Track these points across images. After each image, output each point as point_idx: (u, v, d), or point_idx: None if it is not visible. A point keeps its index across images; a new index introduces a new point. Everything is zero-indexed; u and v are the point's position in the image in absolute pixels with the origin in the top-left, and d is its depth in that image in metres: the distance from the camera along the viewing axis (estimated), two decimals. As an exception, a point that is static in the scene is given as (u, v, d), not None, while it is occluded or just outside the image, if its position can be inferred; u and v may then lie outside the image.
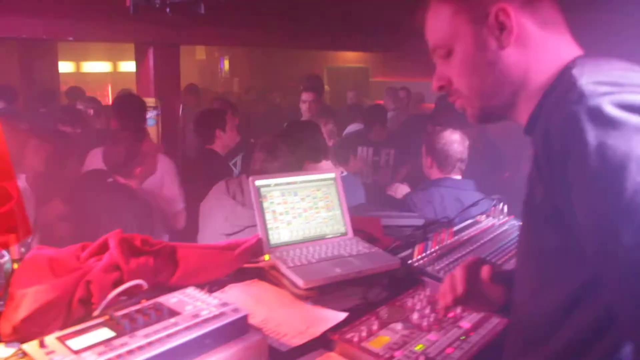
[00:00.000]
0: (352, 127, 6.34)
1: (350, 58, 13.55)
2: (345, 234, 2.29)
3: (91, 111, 6.45)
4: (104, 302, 1.58)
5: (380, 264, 2.06)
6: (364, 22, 6.19)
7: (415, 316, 1.74)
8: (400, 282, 2.00)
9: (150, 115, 5.62)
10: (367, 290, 1.95)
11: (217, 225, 2.92)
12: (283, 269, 1.96)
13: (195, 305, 1.48)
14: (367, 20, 6.05)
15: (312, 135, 3.77)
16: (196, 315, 1.42)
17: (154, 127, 5.58)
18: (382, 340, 1.62)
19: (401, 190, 4.11)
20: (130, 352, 1.25)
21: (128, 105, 4.74)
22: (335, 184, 2.34)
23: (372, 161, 5.74)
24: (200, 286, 1.63)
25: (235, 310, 1.46)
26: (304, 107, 5.98)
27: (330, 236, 2.26)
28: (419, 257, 2.19)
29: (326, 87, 10.76)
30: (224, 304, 1.49)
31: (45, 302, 1.52)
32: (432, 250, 2.26)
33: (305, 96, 5.99)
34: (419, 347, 1.58)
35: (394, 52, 9.42)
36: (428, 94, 8.85)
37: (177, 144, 5.76)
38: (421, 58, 1.62)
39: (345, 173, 4.02)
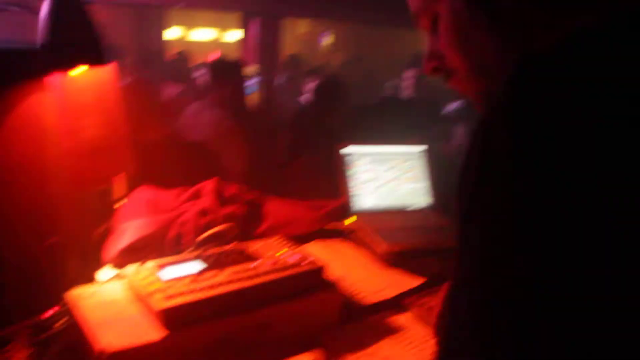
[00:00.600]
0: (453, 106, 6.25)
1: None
2: (428, 207, 2.32)
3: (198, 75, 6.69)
4: (196, 243, 1.71)
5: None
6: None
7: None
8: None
9: (252, 82, 5.80)
10: (446, 262, 1.98)
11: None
12: (366, 231, 2.02)
13: (276, 254, 1.57)
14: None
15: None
16: (276, 263, 1.51)
17: (255, 93, 5.75)
18: (455, 308, 1.65)
19: None
20: (216, 284, 1.36)
21: (225, 68, 4.83)
22: (422, 157, 2.37)
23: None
24: (284, 239, 1.72)
25: (313, 262, 1.54)
26: (405, 84, 5.94)
27: (414, 208, 2.30)
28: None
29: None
30: (304, 256, 1.57)
31: (143, 235, 1.66)
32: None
33: (407, 74, 5.94)
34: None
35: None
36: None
37: (272, 109, 5.91)
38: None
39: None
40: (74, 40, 1.40)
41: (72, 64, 1.44)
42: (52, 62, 1.41)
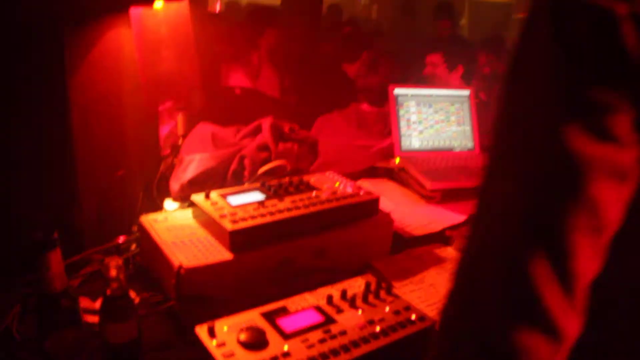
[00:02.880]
0: None
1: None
2: (472, 149, 2.39)
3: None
4: (254, 177, 1.82)
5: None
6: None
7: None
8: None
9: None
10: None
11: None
12: (412, 170, 2.12)
13: (334, 185, 1.67)
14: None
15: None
16: (334, 193, 1.61)
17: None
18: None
19: None
20: (281, 210, 1.47)
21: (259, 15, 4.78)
22: (468, 101, 2.42)
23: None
24: (337, 174, 1.82)
25: (369, 192, 1.64)
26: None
27: (458, 149, 2.37)
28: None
29: (463, 20, 10.39)
30: (358, 187, 1.67)
31: (207, 167, 1.78)
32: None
33: (438, 25, 5.89)
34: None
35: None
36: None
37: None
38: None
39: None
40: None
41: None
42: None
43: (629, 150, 0.63)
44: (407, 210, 1.96)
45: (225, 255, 1.38)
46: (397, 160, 2.23)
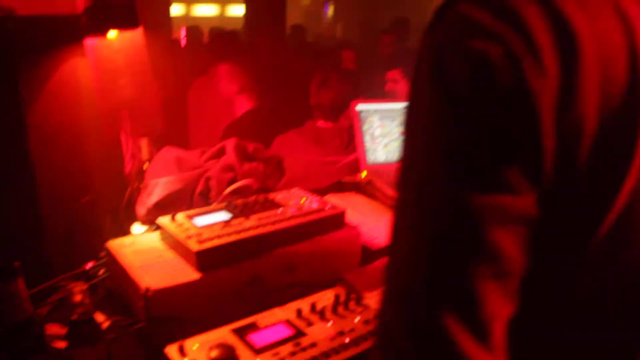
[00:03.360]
0: None
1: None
2: (438, 160, 2.42)
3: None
4: (221, 197, 1.82)
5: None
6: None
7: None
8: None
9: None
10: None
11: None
12: (378, 182, 2.14)
13: (299, 202, 1.68)
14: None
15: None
16: (300, 209, 1.62)
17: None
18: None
19: None
20: (246, 229, 1.48)
21: (221, 39, 4.83)
22: (431, 112, 2.46)
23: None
24: (303, 191, 1.83)
25: (335, 206, 1.66)
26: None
27: (423, 161, 2.40)
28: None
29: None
30: (324, 202, 1.68)
31: (172, 190, 1.78)
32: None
33: (381, 39, 5.86)
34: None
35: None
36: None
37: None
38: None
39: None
40: (110, 4, 1.50)
41: (107, 28, 1.53)
42: (89, 26, 1.51)
43: (523, 197, 0.64)
44: (375, 222, 1.97)
45: (192, 275, 1.37)
46: (364, 174, 2.25)
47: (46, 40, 1.50)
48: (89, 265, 1.63)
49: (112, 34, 1.56)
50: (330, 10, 13.73)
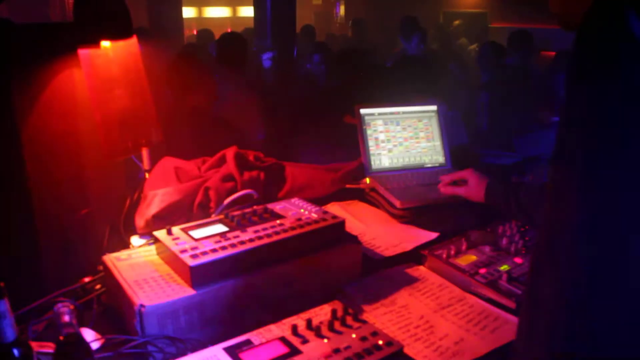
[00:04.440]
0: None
1: (468, 3, 13.16)
2: (444, 165, 2.39)
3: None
4: (221, 207, 1.80)
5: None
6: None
7: (504, 241, 1.82)
8: (492, 211, 2.07)
9: (267, 57, 5.84)
10: (460, 216, 2.04)
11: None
12: (382, 190, 2.10)
13: (299, 212, 1.65)
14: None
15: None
16: (299, 219, 1.60)
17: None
18: (469, 258, 1.73)
19: None
20: (243, 242, 1.45)
21: (229, 43, 4.78)
22: (436, 116, 2.42)
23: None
24: (304, 200, 1.80)
25: (335, 216, 1.63)
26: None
27: (429, 165, 2.37)
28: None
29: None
30: (325, 212, 1.65)
31: (171, 202, 1.76)
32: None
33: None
34: (503, 268, 1.67)
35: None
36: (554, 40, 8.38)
37: (291, 83, 5.95)
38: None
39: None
40: (103, 14, 1.48)
41: (101, 38, 1.52)
42: (83, 36, 1.49)
43: None
44: (378, 231, 1.94)
45: (187, 291, 1.35)
46: (368, 180, 2.22)
47: (40, 51, 1.48)
48: (87, 279, 1.61)
49: (106, 44, 1.55)
50: (341, 10, 13.69)
